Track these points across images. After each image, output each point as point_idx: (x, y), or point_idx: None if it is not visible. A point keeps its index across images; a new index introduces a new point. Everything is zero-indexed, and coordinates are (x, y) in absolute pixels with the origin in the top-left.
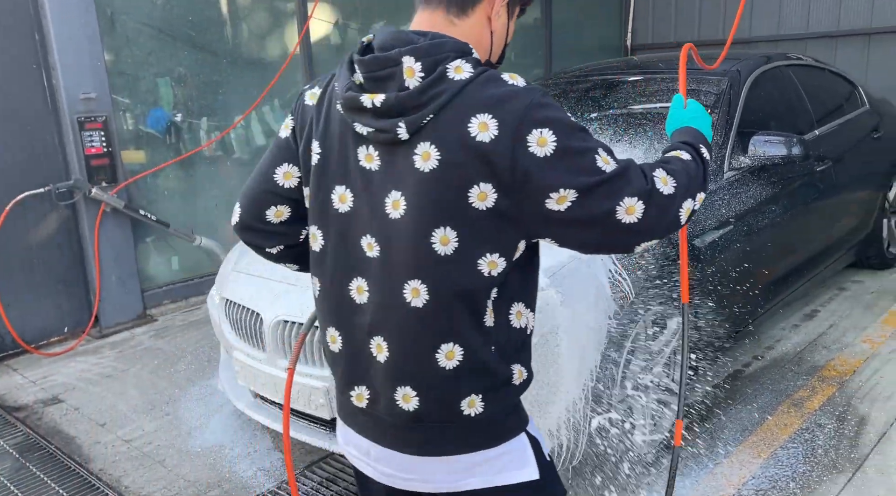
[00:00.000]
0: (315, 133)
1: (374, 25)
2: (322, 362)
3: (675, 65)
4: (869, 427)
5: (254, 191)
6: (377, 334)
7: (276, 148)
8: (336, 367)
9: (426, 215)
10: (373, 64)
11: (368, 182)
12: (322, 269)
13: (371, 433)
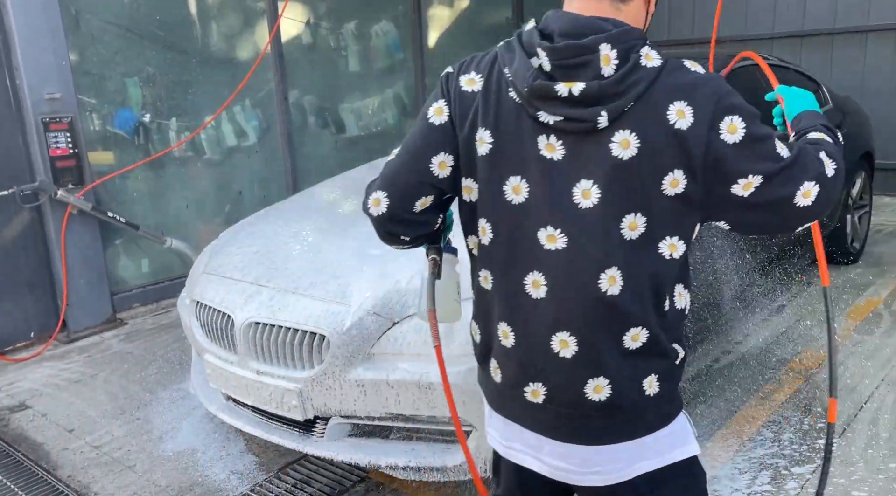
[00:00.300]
0: (483, 121)
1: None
2: (294, 363)
3: None
4: None
5: (406, 181)
6: (562, 330)
7: (429, 135)
8: (507, 362)
9: (620, 202)
10: (566, 51)
11: (549, 172)
12: (491, 263)
13: (548, 429)
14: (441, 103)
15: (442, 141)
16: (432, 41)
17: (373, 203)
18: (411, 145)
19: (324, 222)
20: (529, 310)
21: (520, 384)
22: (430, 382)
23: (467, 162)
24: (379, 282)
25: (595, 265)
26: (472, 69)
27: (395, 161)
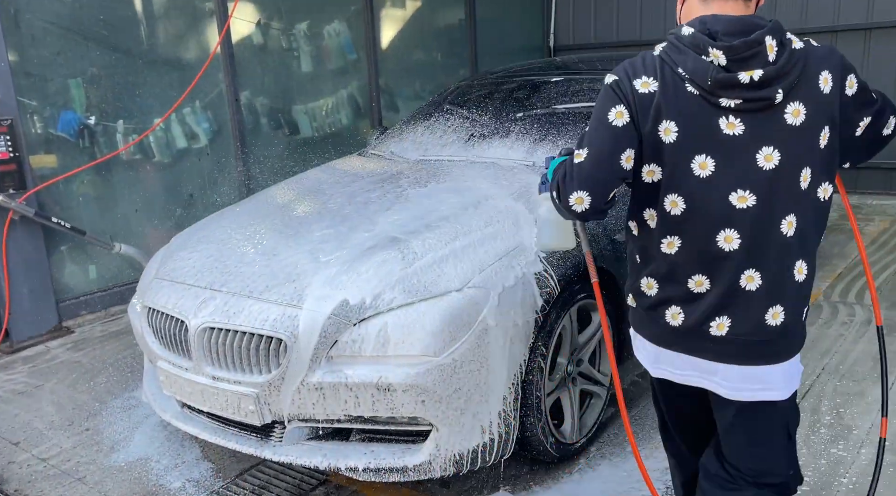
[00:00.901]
0: (666, 114)
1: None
2: (251, 368)
3: (595, 66)
4: None
5: (604, 179)
6: (749, 268)
7: (615, 136)
8: (696, 305)
9: (795, 160)
10: (742, 47)
11: (732, 146)
12: (682, 229)
13: (726, 355)
14: (620, 107)
15: (627, 139)
16: (385, 42)
17: (576, 202)
18: (600, 148)
19: (279, 224)
20: (722, 259)
21: (707, 320)
22: (389, 383)
23: (651, 150)
24: (336, 284)
25: (779, 215)
26: (642, 74)
27: (587, 164)
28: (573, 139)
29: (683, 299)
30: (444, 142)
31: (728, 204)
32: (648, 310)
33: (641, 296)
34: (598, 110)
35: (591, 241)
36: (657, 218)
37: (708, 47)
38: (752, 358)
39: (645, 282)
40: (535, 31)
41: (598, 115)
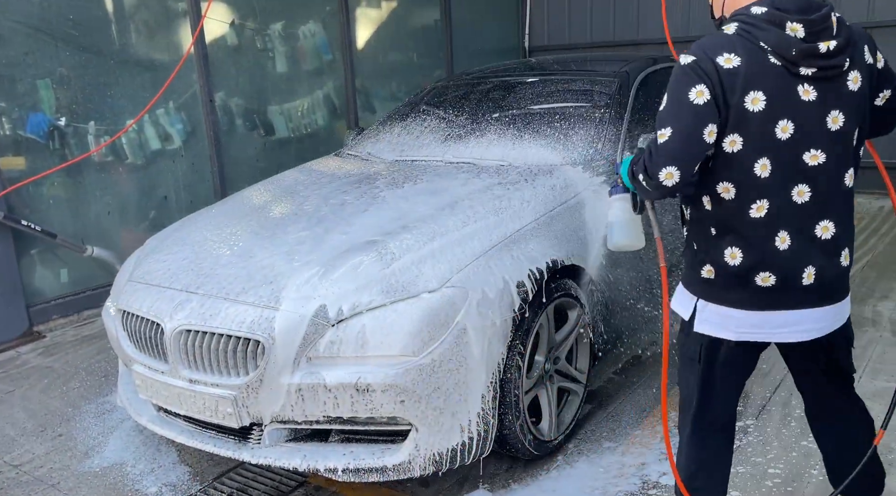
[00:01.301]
0: (752, 85)
1: None
2: (229, 371)
3: (570, 66)
4: (750, 401)
5: (690, 154)
6: (823, 219)
7: (697, 113)
8: (783, 263)
9: (853, 121)
10: (819, 21)
11: (807, 110)
12: (769, 191)
13: (813, 301)
14: (700, 87)
15: (709, 116)
16: (361, 43)
17: (666, 177)
18: (683, 126)
19: (255, 226)
20: (796, 213)
21: (797, 274)
22: (368, 384)
23: (735, 121)
24: (313, 285)
25: (844, 169)
26: (723, 52)
27: (672, 141)
28: (549, 139)
29: (771, 259)
30: (421, 142)
31: (803, 162)
32: (734, 278)
33: (723, 266)
34: (676, 91)
35: (566, 238)
36: (739, 186)
37: (786, 22)
38: (834, 298)
39: (728, 253)
40: (510, 32)
41: (676, 96)
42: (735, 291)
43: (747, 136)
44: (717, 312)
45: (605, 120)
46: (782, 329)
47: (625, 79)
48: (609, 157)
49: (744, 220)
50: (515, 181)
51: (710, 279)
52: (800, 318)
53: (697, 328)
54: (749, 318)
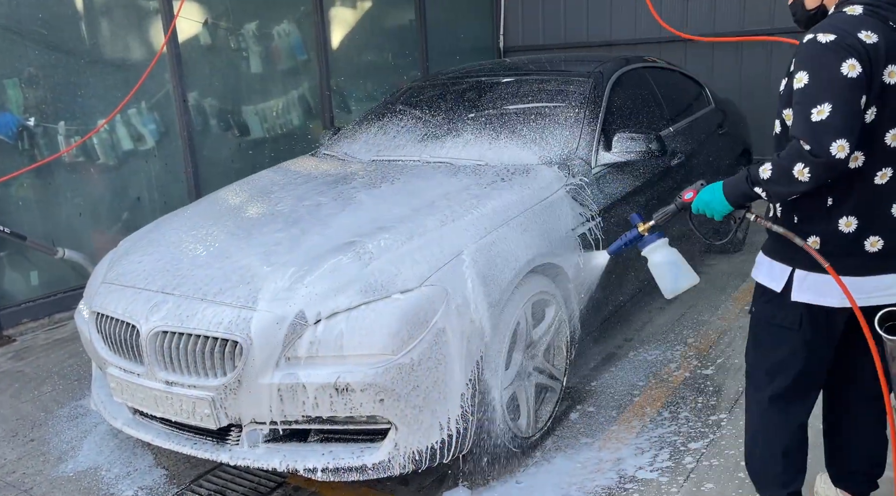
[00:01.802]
0: (890, 59)
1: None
2: (206, 372)
3: (544, 66)
4: (724, 395)
5: (854, 125)
6: None
7: (853, 88)
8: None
9: None
10: None
11: None
12: (893, 159)
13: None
14: (852, 61)
15: (862, 89)
16: (336, 43)
17: (839, 150)
18: (842, 97)
19: (231, 226)
20: (876, 195)
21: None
22: (347, 383)
23: (875, 93)
24: (291, 285)
25: None
26: (862, 29)
27: (836, 115)
28: (525, 139)
29: (882, 226)
30: (398, 142)
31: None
32: (845, 246)
33: (836, 235)
34: (823, 68)
35: (543, 237)
36: (868, 155)
37: None
38: None
39: (843, 221)
40: (484, 32)
41: (823, 73)
42: (844, 258)
43: (882, 108)
44: (819, 280)
45: (580, 120)
46: (885, 292)
47: (599, 79)
48: (584, 156)
49: (869, 187)
50: (492, 181)
51: (815, 249)
52: (892, 282)
53: (796, 297)
54: (854, 284)
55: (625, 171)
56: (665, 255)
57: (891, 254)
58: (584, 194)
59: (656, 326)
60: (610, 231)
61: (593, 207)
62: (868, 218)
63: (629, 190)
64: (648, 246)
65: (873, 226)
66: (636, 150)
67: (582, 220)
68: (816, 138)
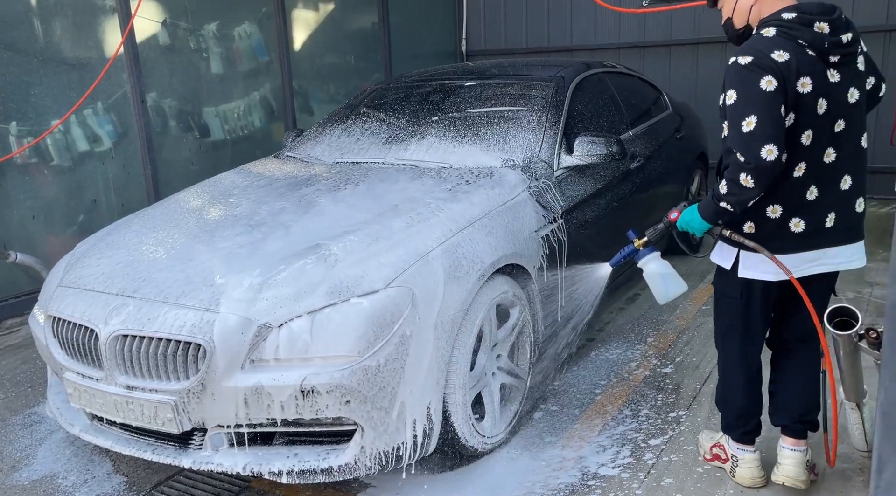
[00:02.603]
0: (801, 72)
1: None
2: (168, 375)
3: (507, 71)
4: (682, 393)
5: (778, 130)
6: (844, 175)
7: (771, 99)
8: (811, 210)
9: (863, 96)
10: (839, 20)
11: (835, 89)
12: (807, 155)
13: (833, 240)
14: (768, 77)
15: (780, 100)
16: (298, 44)
17: (767, 153)
18: (763, 110)
19: (194, 229)
20: (825, 170)
21: (822, 219)
22: (313, 385)
23: (792, 102)
24: (255, 287)
25: (859, 134)
26: (775, 49)
27: (761, 125)
28: (488, 142)
29: (802, 210)
30: (362, 144)
31: (832, 130)
32: (773, 229)
33: (765, 221)
34: (745, 86)
35: (507, 238)
36: (788, 153)
37: (814, 22)
38: (852, 238)
39: (770, 209)
40: (447, 36)
41: (746, 90)
42: (774, 240)
43: (798, 113)
44: (757, 259)
45: (542, 123)
46: (809, 264)
47: (560, 83)
48: (547, 159)
49: (788, 179)
50: (457, 183)
51: (751, 233)
52: (828, 254)
53: (741, 274)
54: (787, 260)
55: (586, 174)
56: (658, 267)
57: (813, 233)
58: (547, 196)
59: (617, 326)
60: (572, 233)
61: (556, 209)
62: (790, 204)
63: (590, 192)
64: (643, 259)
65: (795, 211)
66: (597, 153)
67: (545, 222)
68: (748, 148)
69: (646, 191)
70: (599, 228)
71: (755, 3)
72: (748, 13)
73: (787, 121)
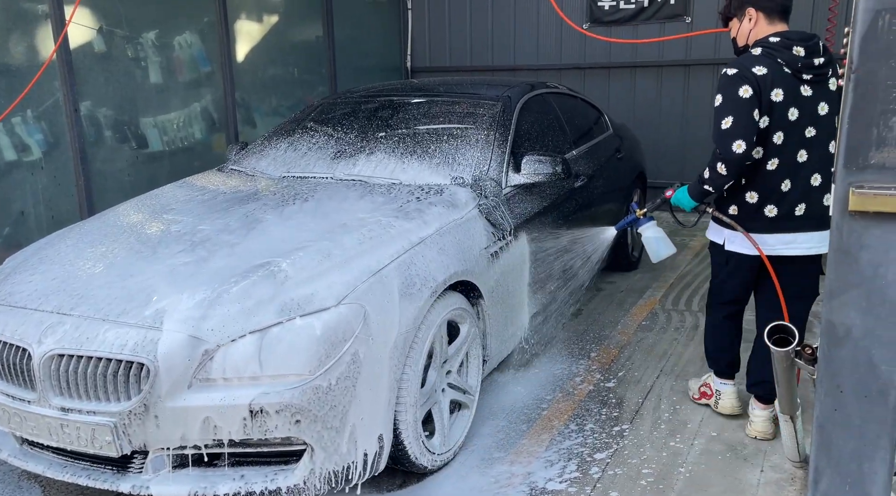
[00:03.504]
0: (774, 84)
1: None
2: (108, 396)
3: (454, 89)
4: (626, 407)
5: (749, 129)
6: (815, 173)
7: (746, 105)
8: (784, 200)
9: (834, 110)
10: (814, 46)
11: (807, 101)
12: (781, 152)
13: (803, 227)
14: (746, 86)
15: (754, 103)
16: (241, 55)
17: (737, 147)
18: (738, 112)
19: (134, 244)
20: (798, 168)
21: (793, 208)
22: (262, 405)
23: (766, 108)
24: (201, 304)
25: (828, 140)
26: (756, 65)
27: (735, 123)
28: (438, 159)
29: (775, 198)
30: (309, 159)
31: (803, 135)
32: (751, 213)
33: (745, 205)
34: (728, 92)
35: (457, 255)
36: (764, 150)
37: (793, 46)
38: (821, 227)
39: (749, 195)
40: (392, 51)
41: (729, 96)
42: (752, 221)
43: (771, 117)
44: (740, 237)
45: (490, 142)
46: (780, 245)
47: (507, 103)
48: (495, 177)
49: (763, 172)
50: (408, 200)
51: (734, 215)
52: (797, 239)
53: (728, 248)
54: (761, 239)
55: (533, 192)
56: (654, 233)
57: (784, 218)
58: (496, 214)
59: (562, 342)
60: (519, 249)
61: (505, 227)
62: (765, 193)
63: (537, 210)
64: (643, 226)
65: (769, 198)
66: (544, 172)
67: (494, 240)
68: (723, 142)
69: (589, 209)
70: (545, 243)
71: (753, 28)
72: (748, 35)
73: (761, 123)
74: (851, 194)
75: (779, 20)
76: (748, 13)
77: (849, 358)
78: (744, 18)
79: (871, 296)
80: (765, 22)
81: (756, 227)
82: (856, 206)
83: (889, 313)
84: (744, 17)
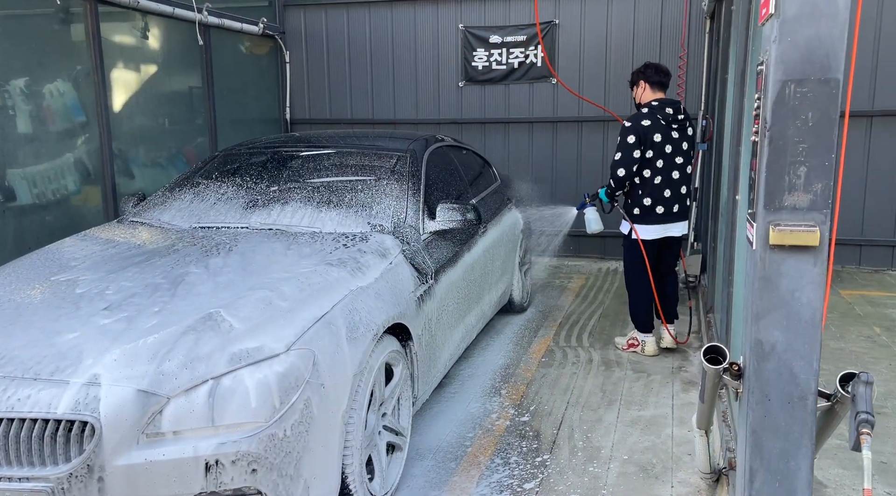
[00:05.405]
0: (655, 130)
1: (659, 99)
2: (44, 460)
3: (357, 142)
4: (543, 438)
5: (630, 162)
6: (682, 185)
7: (630, 147)
8: (666, 202)
9: (691, 147)
10: (677, 108)
11: (675, 141)
12: (661, 172)
13: (676, 219)
14: (632, 134)
15: (636, 147)
16: (118, 105)
17: (619, 172)
18: (624, 152)
19: (52, 299)
20: (673, 182)
21: (671, 207)
22: (217, 456)
23: (648, 145)
24: (139, 358)
25: (686, 165)
26: (643, 119)
27: (621, 159)
28: (355, 208)
29: (661, 201)
30: (220, 209)
31: (674, 161)
32: (648, 210)
33: (643, 206)
34: (622, 137)
35: (391, 299)
36: (651, 172)
37: (665, 108)
38: (684, 219)
39: (646, 200)
40: (271, 104)
41: (623, 139)
42: (648, 217)
43: (652, 151)
44: (643, 229)
45: (405, 191)
46: (665, 231)
47: (414, 155)
48: (413, 224)
49: (651, 185)
50: (336, 247)
51: (638, 214)
52: (675, 227)
53: (633, 236)
54: (654, 228)
55: (446, 238)
56: (592, 214)
57: (666, 214)
58: (418, 259)
59: (474, 382)
60: (441, 291)
61: (427, 271)
62: (654, 198)
63: (451, 254)
64: (586, 208)
65: (658, 202)
66: (457, 219)
67: (419, 283)
68: (613, 169)
69: (490, 254)
70: (459, 286)
71: (643, 93)
72: (640, 97)
73: (647, 154)
74: (771, 231)
75: (658, 90)
76: (640, 84)
77: (774, 370)
78: (637, 88)
79: (790, 316)
80: (650, 91)
81: (649, 220)
82: (775, 240)
83: (805, 329)
84: (638, 87)
